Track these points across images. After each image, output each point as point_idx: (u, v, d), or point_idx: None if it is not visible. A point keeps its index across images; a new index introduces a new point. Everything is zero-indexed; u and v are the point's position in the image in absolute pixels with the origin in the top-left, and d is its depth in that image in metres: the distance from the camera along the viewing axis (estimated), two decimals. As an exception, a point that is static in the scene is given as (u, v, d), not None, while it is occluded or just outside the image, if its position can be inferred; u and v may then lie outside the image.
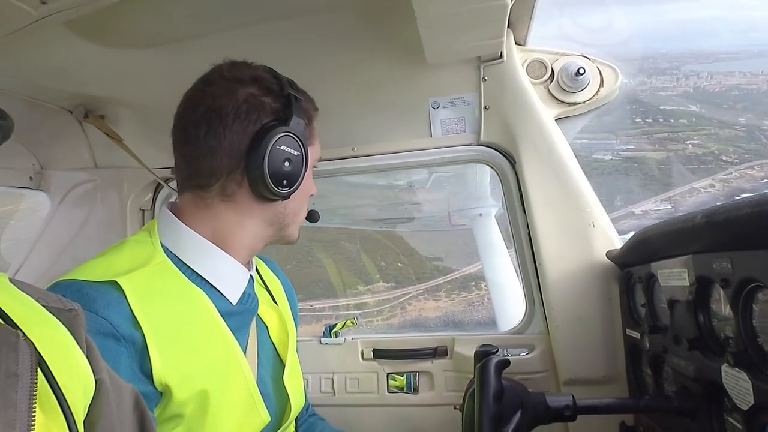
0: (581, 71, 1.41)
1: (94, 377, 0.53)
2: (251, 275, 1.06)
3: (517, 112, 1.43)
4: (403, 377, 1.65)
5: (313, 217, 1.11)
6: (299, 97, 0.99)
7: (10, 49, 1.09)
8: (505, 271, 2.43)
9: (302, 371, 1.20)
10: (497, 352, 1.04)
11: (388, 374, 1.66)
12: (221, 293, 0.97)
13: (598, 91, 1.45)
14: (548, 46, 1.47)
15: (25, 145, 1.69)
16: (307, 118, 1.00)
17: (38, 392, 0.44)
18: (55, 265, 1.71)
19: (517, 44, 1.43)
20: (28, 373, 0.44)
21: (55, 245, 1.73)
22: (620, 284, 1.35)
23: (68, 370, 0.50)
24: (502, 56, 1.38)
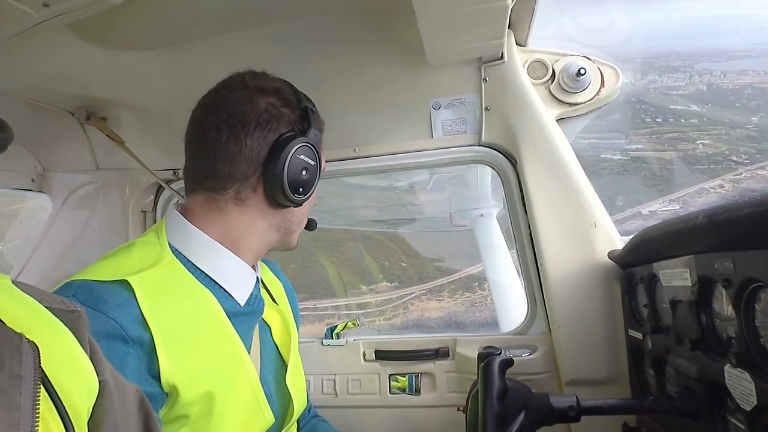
0: (582, 72, 1.41)
1: (97, 378, 0.53)
2: (258, 277, 1.07)
3: (518, 112, 1.43)
4: (405, 378, 1.65)
5: (311, 225, 1.15)
6: (315, 110, 1.03)
7: (11, 51, 1.09)
8: (506, 271, 2.42)
9: (304, 372, 1.20)
10: (500, 354, 1.04)
11: (390, 375, 1.66)
12: (229, 294, 0.98)
13: (599, 91, 1.45)
14: (549, 46, 1.47)
15: (26, 147, 1.69)
16: (320, 130, 1.05)
17: (41, 394, 0.44)
18: (57, 266, 1.71)
19: (517, 45, 1.43)
20: (31, 374, 0.44)
21: (57, 247, 1.74)
22: (622, 284, 1.35)
23: (71, 371, 0.50)
24: (502, 57, 1.38)
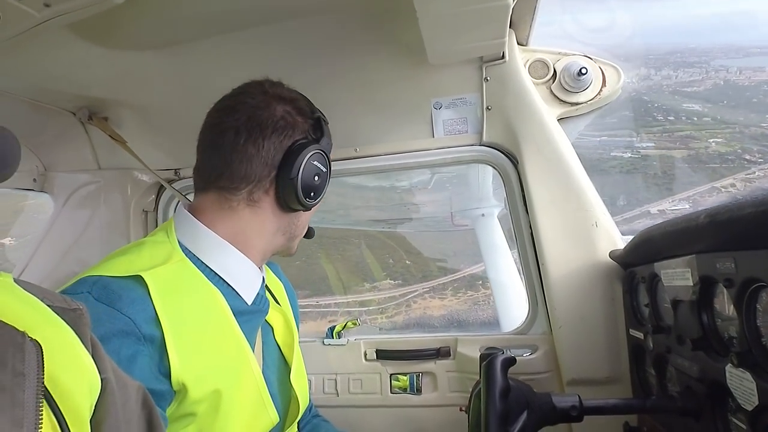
0: (583, 71, 1.41)
1: (99, 376, 0.53)
2: (263, 278, 1.09)
3: (519, 112, 1.43)
4: (406, 378, 1.65)
5: (309, 233, 1.18)
6: (326, 120, 1.07)
7: (13, 51, 1.09)
8: (507, 271, 2.42)
9: (306, 372, 1.21)
10: (503, 353, 1.04)
11: (391, 375, 1.66)
12: (237, 293, 0.99)
13: (600, 91, 1.45)
14: (551, 46, 1.47)
15: (28, 147, 1.69)
16: (330, 140, 1.09)
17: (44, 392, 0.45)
18: (59, 266, 1.71)
19: (519, 44, 1.42)
20: (34, 372, 0.45)
21: (58, 246, 1.74)
22: (623, 284, 1.35)
23: (74, 369, 0.50)
24: (504, 56, 1.38)
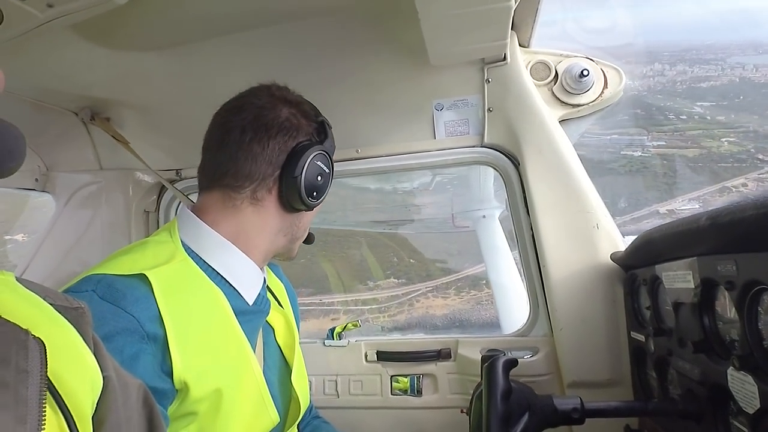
0: (585, 73, 1.41)
1: (101, 374, 0.54)
2: (265, 278, 1.09)
3: (520, 113, 1.43)
4: (406, 379, 1.65)
5: (309, 239, 1.18)
6: (330, 125, 1.09)
7: (16, 51, 1.10)
8: (508, 273, 2.42)
9: (306, 373, 1.21)
10: (504, 355, 1.04)
11: (391, 377, 1.66)
12: (238, 292, 1.00)
13: (602, 92, 1.45)
14: (553, 47, 1.47)
15: (30, 147, 1.70)
16: (333, 143, 1.10)
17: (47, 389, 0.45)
18: (60, 266, 1.72)
19: (520, 46, 1.43)
20: (38, 369, 0.45)
21: (60, 246, 1.74)
22: (625, 286, 1.35)
23: (76, 367, 0.50)
24: (505, 58, 1.38)
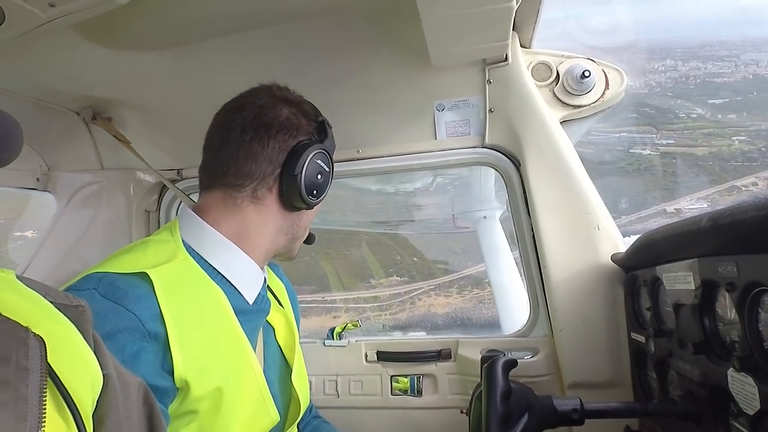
0: (586, 74, 1.41)
1: (101, 372, 0.54)
2: (265, 278, 1.09)
3: (522, 114, 1.43)
4: (406, 380, 1.65)
5: (310, 239, 1.18)
6: (330, 125, 1.10)
7: (18, 51, 1.10)
8: (509, 274, 2.42)
9: (306, 373, 1.21)
10: (504, 356, 1.04)
11: (391, 377, 1.66)
12: (239, 292, 1.00)
13: (603, 93, 1.45)
14: (554, 48, 1.47)
15: (32, 146, 1.70)
16: (333, 143, 1.11)
17: (48, 386, 0.45)
18: (61, 265, 1.72)
19: (522, 47, 1.43)
20: (38, 367, 0.45)
21: (61, 246, 1.74)
22: (625, 287, 1.35)
23: (76, 365, 0.50)
24: (507, 59, 1.38)
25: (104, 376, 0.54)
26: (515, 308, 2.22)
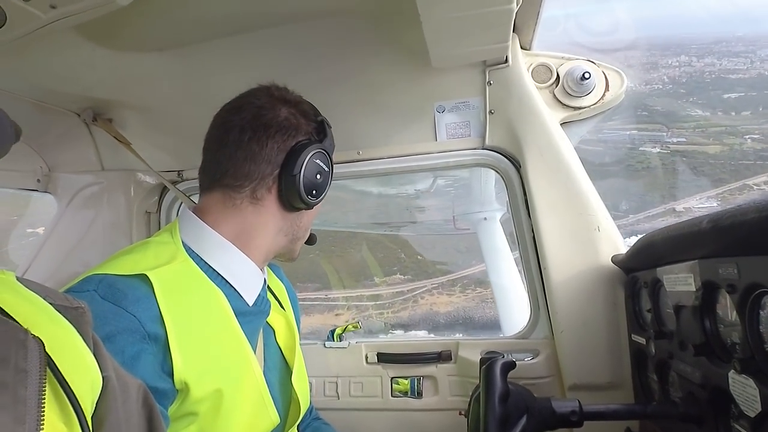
0: (586, 76, 1.41)
1: (101, 374, 0.54)
2: (265, 279, 1.09)
3: (522, 116, 1.43)
4: (407, 381, 1.65)
5: (311, 239, 1.18)
6: (329, 125, 1.10)
7: (19, 52, 1.10)
8: (509, 275, 2.42)
9: (306, 374, 1.21)
10: (503, 358, 1.04)
11: (391, 378, 1.66)
12: (238, 293, 1.00)
13: (603, 95, 1.45)
14: (554, 50, 1.47)
15: (32, 147, 1.70)
16: (332, 143, 1.11)
17: (47, 388, 0.45)
18: (62, 266, 1.72)
19: (522, 48, 1.43)
20: (36, 369, 0.45)
21: (62, 247, 1.74)
22: (626, 289, 1.35)
23: (76, 366, 0.50)
24: (507, 60, 1.38)
25: (103, 378, 0.54)
26: (516, 310, 2.21)
